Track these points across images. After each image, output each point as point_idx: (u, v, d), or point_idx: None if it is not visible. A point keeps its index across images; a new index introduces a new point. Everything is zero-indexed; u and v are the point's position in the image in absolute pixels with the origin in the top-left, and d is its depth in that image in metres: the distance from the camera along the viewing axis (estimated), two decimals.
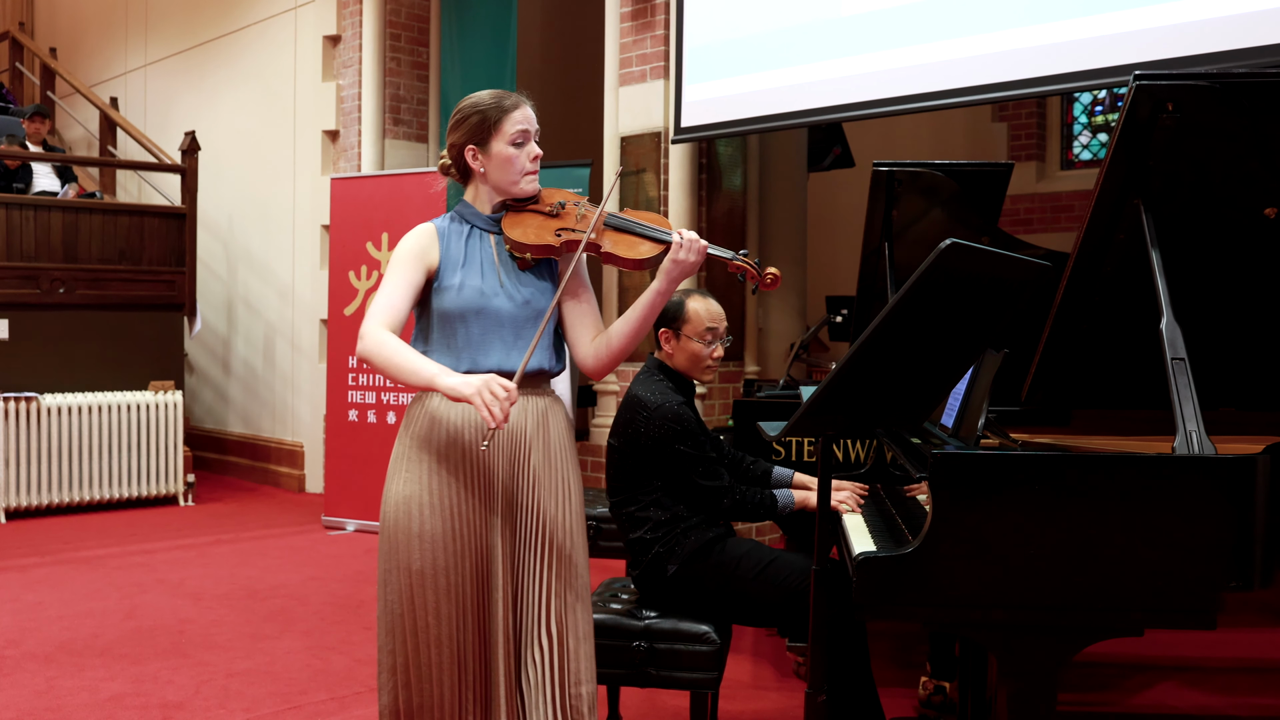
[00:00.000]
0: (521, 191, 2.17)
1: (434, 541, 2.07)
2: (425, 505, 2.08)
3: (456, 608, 2.07)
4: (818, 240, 7.27)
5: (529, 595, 2.12)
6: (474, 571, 2.08)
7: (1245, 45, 3.52)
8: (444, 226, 2.18)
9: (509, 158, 2.14)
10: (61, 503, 6.59)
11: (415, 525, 2.07)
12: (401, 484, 2.10)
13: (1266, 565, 1.85)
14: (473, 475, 2.10)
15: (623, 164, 5.67)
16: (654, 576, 2.74)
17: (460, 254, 2.14)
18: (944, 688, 3.17)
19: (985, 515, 1.87)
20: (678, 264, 2.12)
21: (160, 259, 7.20)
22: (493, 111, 2.14)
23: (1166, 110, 2.05)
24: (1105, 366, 2.50)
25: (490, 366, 2.07)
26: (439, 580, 2.06)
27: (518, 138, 2.14)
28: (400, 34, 7.17)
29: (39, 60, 9.54)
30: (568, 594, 2.13)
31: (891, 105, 4.56)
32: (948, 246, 1.67)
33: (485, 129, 2.14)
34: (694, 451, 2.72)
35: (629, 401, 2.79)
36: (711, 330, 2.82)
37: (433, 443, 2.10)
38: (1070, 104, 8.09)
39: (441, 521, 2.07)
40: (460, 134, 2.17)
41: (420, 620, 2.07)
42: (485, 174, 2.16)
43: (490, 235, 2.18)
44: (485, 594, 2.09)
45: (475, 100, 2.18)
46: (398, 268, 2.11)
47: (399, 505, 2.10)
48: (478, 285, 2.11)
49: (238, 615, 4.37)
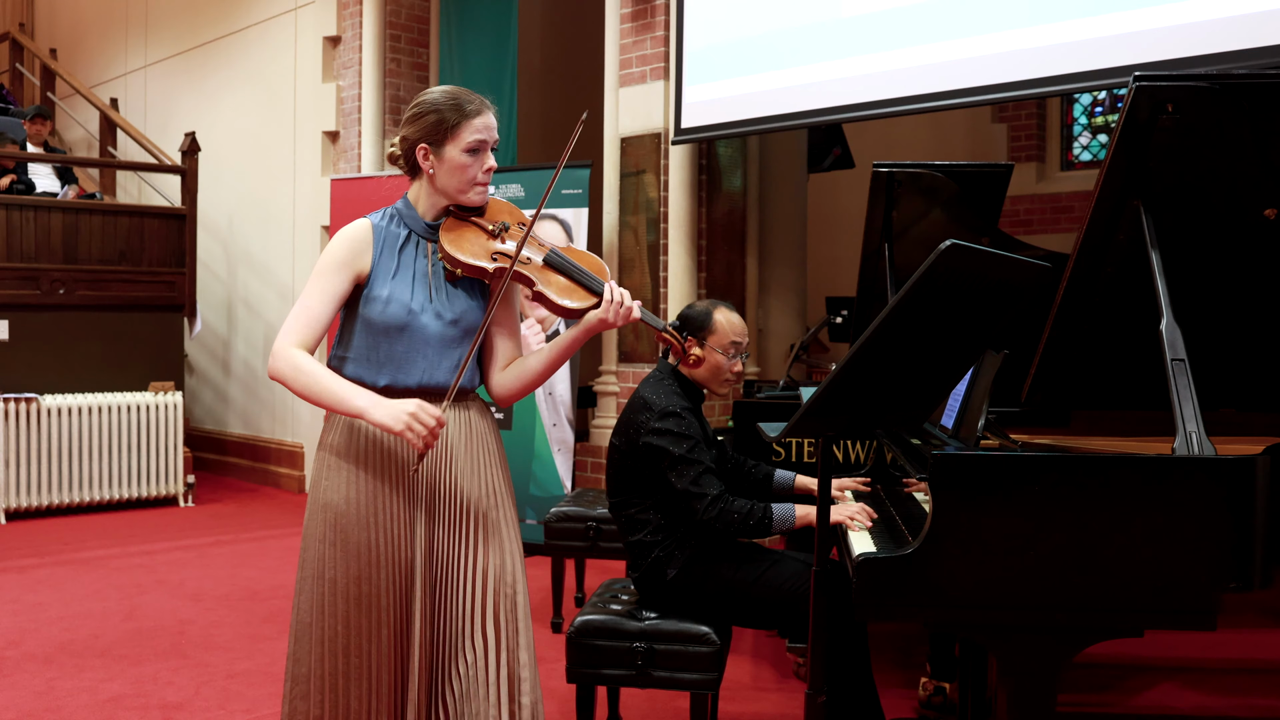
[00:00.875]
0: (468, 201, 2.08)
1: (348, 551, 2.01)
2: (344, 515, 2.02)
3: (368, 618, 2.00)
4: (818, 241, 7.27)
5: (456, 606, 2.05)
6: (390, 583, 2.02)
7: (1245, 46, 3.52)
8: (380, 227, 2.08)
9: (461, 165, 2.04)
10: (61, 503, 6.59)
11: (331, 534, 2.02)
12: (321, 492, 2.05)
13: (1266, 566, 1.86)
14: (394, 485, 2.04)
15: (623, 165, 5.67)
16: (654, 580, 2.74)
17: (393, 263, 2.05)
18: (944, 688, 3.17)
19: (985, 516, 1.87)
20: (602, 322, 2.05)
21: (160, 260, 7.20)
22: (450, 114, 2.04)
23: (1166, 111, 2.05)
24: (1105, 367, 2.50)
25: (411, 383, 2.03)
26: (350, 590, 2.01)
27: (474, 145, 2.04)
28: (400, 35, 7.17)
29: (39, 61, 9.54)
30: (500, 601, 2.06)
31: (891, 106, 4.56)
32: (948, 247, 1.67)
33: (441, 131, 2.04)
34: (674, 450, 2.66)
35: (634, 402, 2.78)
36: (735, 344, 2.80)
37: (352, 451, 2.04)
38: (1070, 105, 8.09)
39: (359, 531, 2.01)
40: (414, 130, 2.07)
41: (329, 629, 2.01)
42: (434, 176, 2.07)
43: (428, 244, 2.10)
44: (403, 606, 2.03)
45: (434, 99, 2.08)
46: (322, 277, 2.03)
47: (315, 514, 2.05)
48: (405, 301, 2.03)
49: (238, 616, 4.37)
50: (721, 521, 2.62)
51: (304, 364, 1.97)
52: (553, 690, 3.42)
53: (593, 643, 2.65)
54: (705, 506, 2.62)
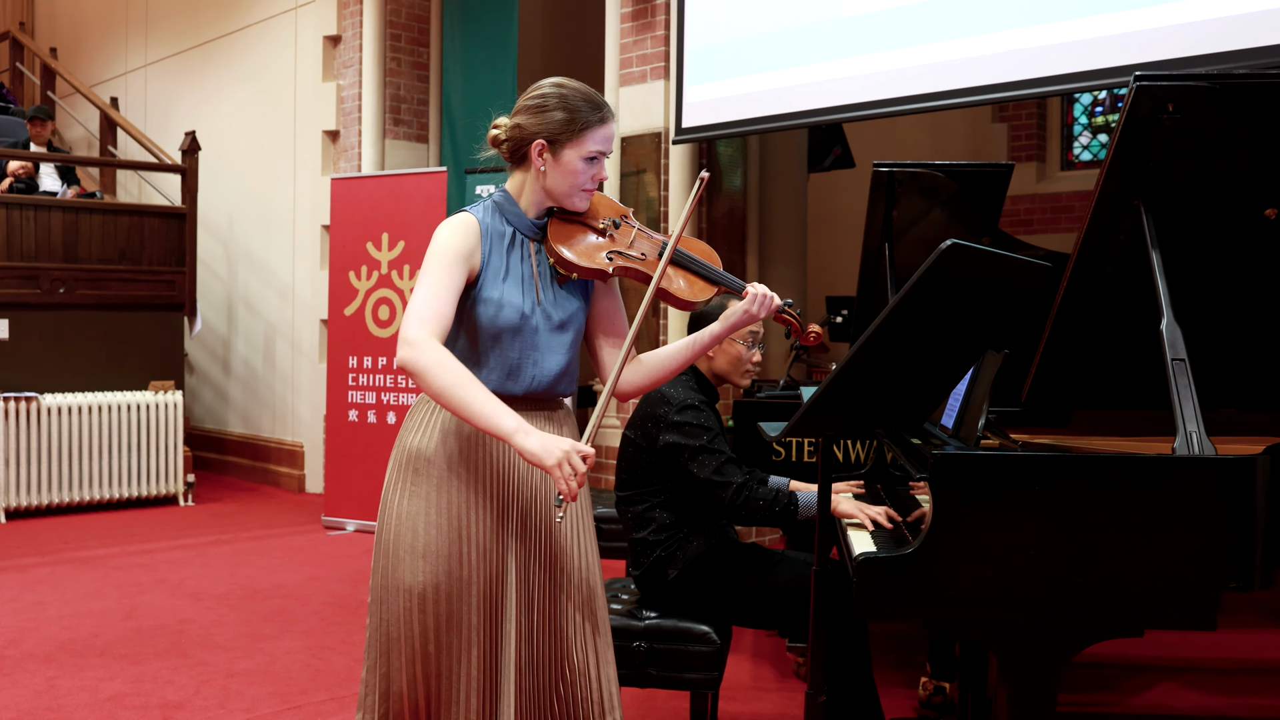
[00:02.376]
0: (573, 206, 2.00)
1: (438, 561, 1.92)
2: (432, 523, 1.92)
3: (460, 635, 1.92)
4: (818, 241, 7.27)
5: (549, 625, 1.99)
6: (482, 597, 1.93)
7: (1246, 46, 3.52)
8: (487, 223, 1.97)
9: (576, 170, 1.95)
10: (61, 503, 6.59)
11: (420, 543, 1.92)
12: (406, 498, 1.95)
13: (1266, 566, 1.85)
14: (486, 493, 1.95)
15: (623, 164, 5.67)
16: (654, 579, 2.74)
17: (502, 264, 1.96)
18: (944, 688, 3.17)
19: (985, 516, 1.87)
20: (748, 315, 2.02)
21: (160, 259, 7.20)
22: (582, 116, 1.94)
23: (1167, 111, 2.05)
24: (1105, 367, 2.50)
25: (519, 390, 1.95)
26: (441, 605, 1.91)
27: (595, 154, 1.96)
28: (400, 34, 7.17)
29: (39, 60, 9.54)
30: (592, 624, 2.02)
31: (892, 106, 4.56)
32: (948, 247, 1.67)
33: (566, 131, 1.94)
34: (694, 442, 2.66)
35: (651, 396, 2.77)
36: (753, 334, 2.82)
37: (444, 454, 1.95)
38: (1070, 105, 8.09)
39: (449, 542, 1.92)
40: (536, 122, 1.95)
41: (420, 646, 1.92)
42: (543, 174, 1.97)
43: (531, 243, 2.01)
44: (495, 623, 1.94)
45: (566, 93, 1.96)
46: (442, 268, 1.89)
47: (401, 520, 1.94)
48: (518, 305, 1.95)
49: (238, 615, 4.37)
50: (748, 509, 2.61)
51: (451, 361, 1.81)
52: None
53: None
54: (731, 495, 2.61)
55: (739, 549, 2.77)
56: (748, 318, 2.02)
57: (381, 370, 6.16)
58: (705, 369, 2.86)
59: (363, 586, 4.85)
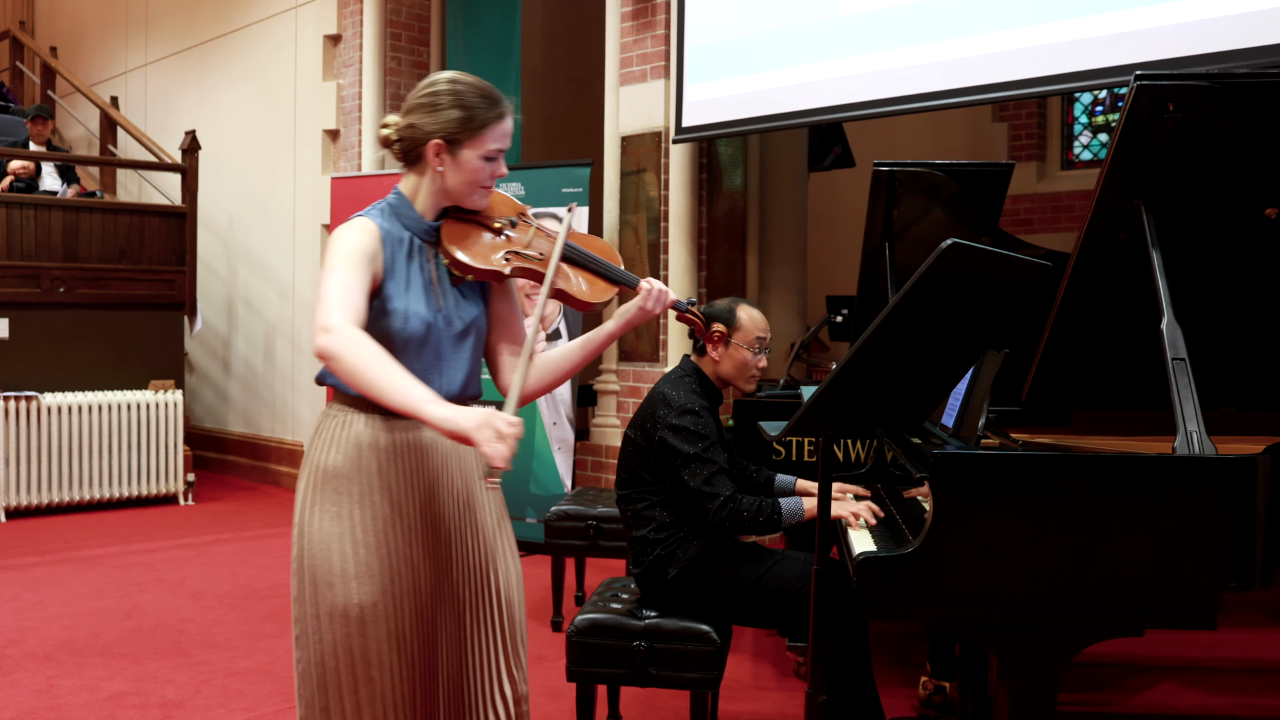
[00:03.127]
0: (473, 205, 1.94)
1: (372, 580, 1.83)
2: (359, 542, 1.83)
3: (400, 655, 1.85)
4: (818, 240, 7.27)
5: (484, 633, 1.93)
6: (415, 612, 1.87)
7: (1246, 45, 3.52)
8: (385, 228, 1.89)
9: (475, 169, 1.89)
10: (61, 502, 6.59)
11: (350, 564, 1.83)
12: (327, 519, 1.84)
13: (1267, 565, 1.85)
14: (408, 506, 1.88)
15: (623, 163, 5.66)
16: (654, 578, 2.75)
17: (404, 274, 1.88)
18: (944, 688, 3.17)
19: (986, 515, 1.87)
20: (642, 311, 1.98)
21: (160, 258, 7.20)
22: (480, 114, 1.87)
23: (1167, 110, 2.05)
24: (1106, 366, 2.50)
25: None
26: (380, 625, 1.83)
27: (494, 153, 1.90)
28: (401, 33, 7.17)
29: (39, 59, 9.54)
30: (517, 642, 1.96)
31: (892, 105, 4.56)
32: (948, 246, 1.67)
33: (463, 130, 1.87)
34: (688, 448, 2.69)
35: (654, 397, 2.80)
36: (760, 340, 2.84)
37: (360, 469, 1.85)
38: (1071, 104, 8.08)
39: (379, 559, 1.84)
40: (431, 121, 1.88)
41: (362, 672, 1.83)
42: (441, 175, 1.90)
43: (429, 247, 1.93)
44: (429, 638, 1.89)
45: (462, 89, 1.89)
46: (350, 264, 1.79)
47: (327, 543, 1.83)
48: (423, 315, 1.87)
49: (238, 615, 4.37)
50: (732, 521, 2.64)
51: (365, 341, 1.70)
52: (553, 689, 3.42)
53: (593, 641, 2.65)
54: (717, 508, 2.64)
55: (739, 548, 2.78)
56: (642, 314, 1.98)
57: None
58: (711, 373, 2.88)
59: None
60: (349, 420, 1.88)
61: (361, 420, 1.87)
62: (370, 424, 1.87)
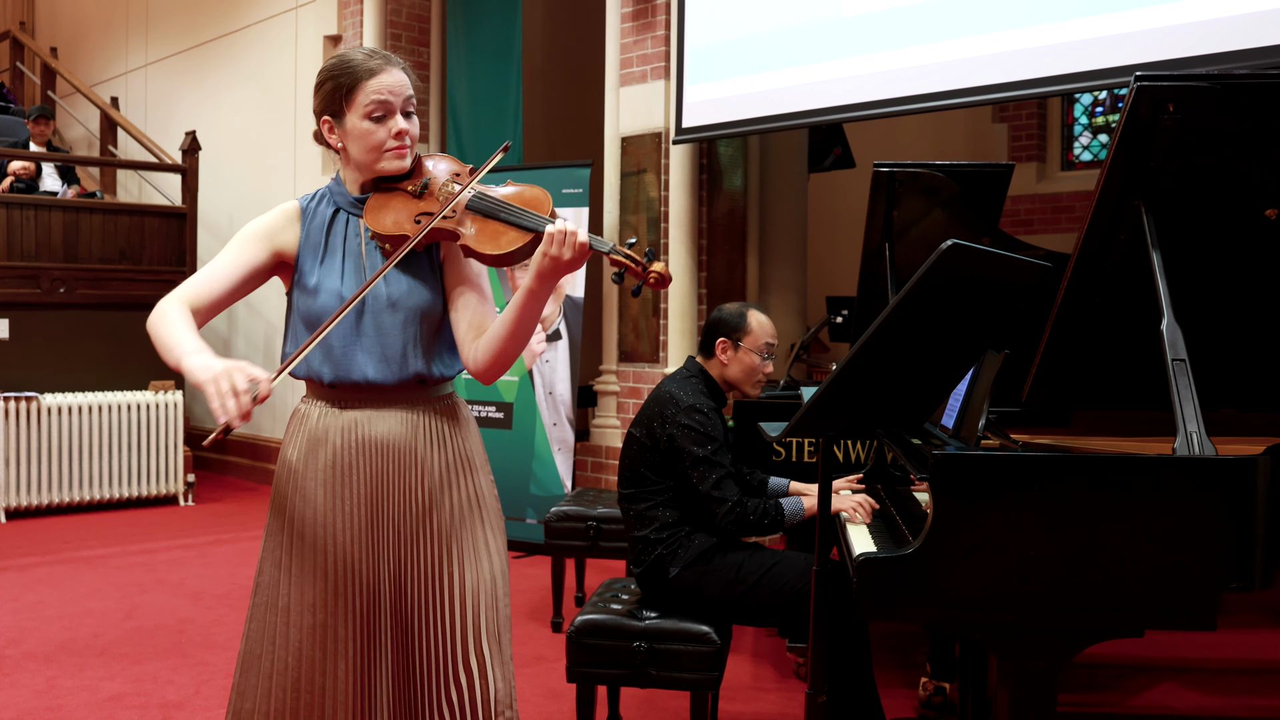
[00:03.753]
0: (386, 170, 1.86)
1: (303, 575, 1.85)
2: (299, 536, 1.86)
3: (323, 649, 1.83)
4: (818, 241, 7.27)
5: (438, 633, 1.87)
6: (350, 611, 1.84)
7: (1246, 46, 3.52)
8: (309, 207, 1.91)
9: (364, 133, 1.83)
10: (61, 503, 6.59)
11: (286, 557, 1.86)
12: (274, 512, 1.92)
13: (1267, 566, 1.85)
14: (356, 504, 1.87)
15: (623, 164, 5.67)
16: (655, 577, 2.75)
17: (320, 245, 1.87)
18: (944, 688, 3.16)
19: (986, 516, 1.87)
20: (552, 260, 1.72)
21: (161, 259, 7.20)
22: (345, 78, 1.83)
23: (1167, 111, 2.05)
24: (1106, 367, 2.50)
25: (357, 378, 1.84)
26: (305, 618, 1.83)
27: (375, 109, 1.82)
28: (401, 34, 7.17)
29: (40, 60, 9.54)
30: (484, 624, 1.89)
31: (892, 106, 4.56)
32: (949, 247, 1.67)
33: (337, 98, 1.84)
34: (698, 450, 2.71)
35: (659, 395, 2.80)
36: (768, 345, 2.89)
37: (311, 465, 1.88)
38: (1071, 105, 8.09)
39: (315, 554, 1.85)
40: (317, 102, 1.88)
41: (279, 661, 1.83)
42: (344, 149, 1.88)
43: (359, 220, 1.90)
44: (365, 636, 1.85)
45: (332, 64, 1.87)
46: (233, 245, 1.86)
47: (270, 534, 1.91)
48: (335, 288, 1.85)
49: (238, 615, 4.37)
50: (739, 524, 2.69)
51: (166, 309, 1.77)
52: (553, 690, 3.42)
53: (593, 642, 2.65)
54: (725, 512, 2.68)
55: (740, 548, 2.78)
56: (553, 264, 1.72)
57: None
58: (717, 376, 2.89)
59: None
60: (305, 414, 1.92)
61: (315, 411, 1.91)
62: (323, 419, 1.89)
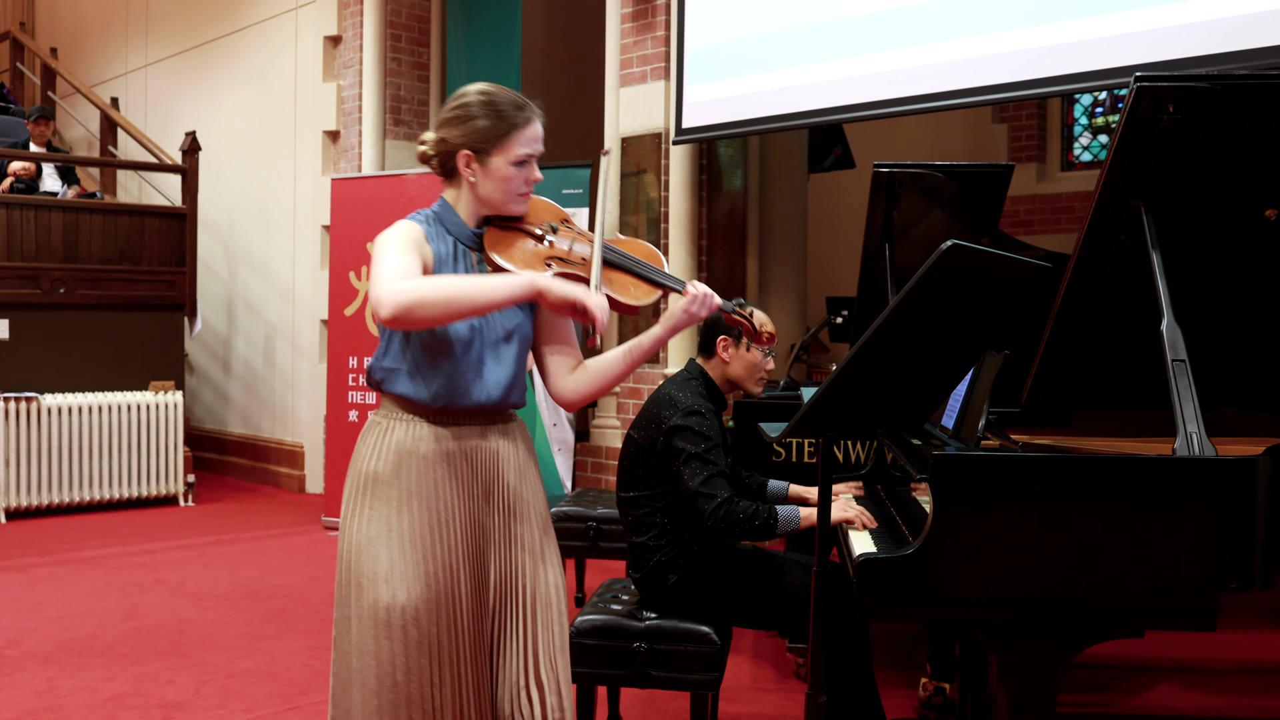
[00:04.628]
0: (510, 212, 1.96)
1: (402, 584, 1.85)
2: (394, 546, 1.86)
3: (431, 659, 1.85)
4: (818, 241, 7.26)
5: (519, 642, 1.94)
6: (451, 619, 1.87)
7: (1247, 47, 3.52)
8: (429, 231, 1.93)
9: (507, 177, 1.92)
10: (61, 503, 6.58)
11: (382, 567, 1.86)
12: (365, 523, 1.89)
13: (1267, 567, 1.85)
14: (448, 513, 1.90)
15: (623, 164, 5.66)
16: (655, 583, 2.74)
17: (449, 273, 1.92)
18: (944, 689, 3.16)
19: (986, 516, 1.87)
20: (689, 315, 1.94)
21: (160, 259, 7.20)
22: (502, 123, 1.90)
23: (1167, 112, 2.05)
24: (1106, 368, 2.50)
25: (469, 402, 1.91)
26: (410, 630, 1.84)
27: (523, 159, 1.92)
28: (401, 34, 7.17)
29: (39, 60, 9.54)
30: (560, 639, 1.97)
31: (892, 106, 4.56)
32: (948, 248, 1.67)
33: (489, 139, 1.91)
34: (691, 448, 2.66)
35: (659, 397, 2.78)
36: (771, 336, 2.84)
37: (401, 475, 1.89)
38: (1071, 105, 8.08)
39: (413, 564, 1.86)
40: (458, 133, 1.92)
41: (388, 674, 1.83)
42: (474, 185, 1.94)
43: (473, 254, 1.96)
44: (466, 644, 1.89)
45: (485, 99, 1.92)
46: (398, 248, 1.83)
47: (361, 546, 1.88)
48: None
49: (238, 615, 4.37)
50: (726, 523, 2.61)
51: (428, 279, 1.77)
52: None
53: (593, 643, 2.65)
54: (712, 509, 2.61)
55: (739, 553, 2.77)
56: (688, 318, 1.94)
57: None
58: (718, 376, 2.87)
59: None
60: (390, 428, 1.92)
61: (402, 428, 1.91)
62: (411, 431, 1.90)
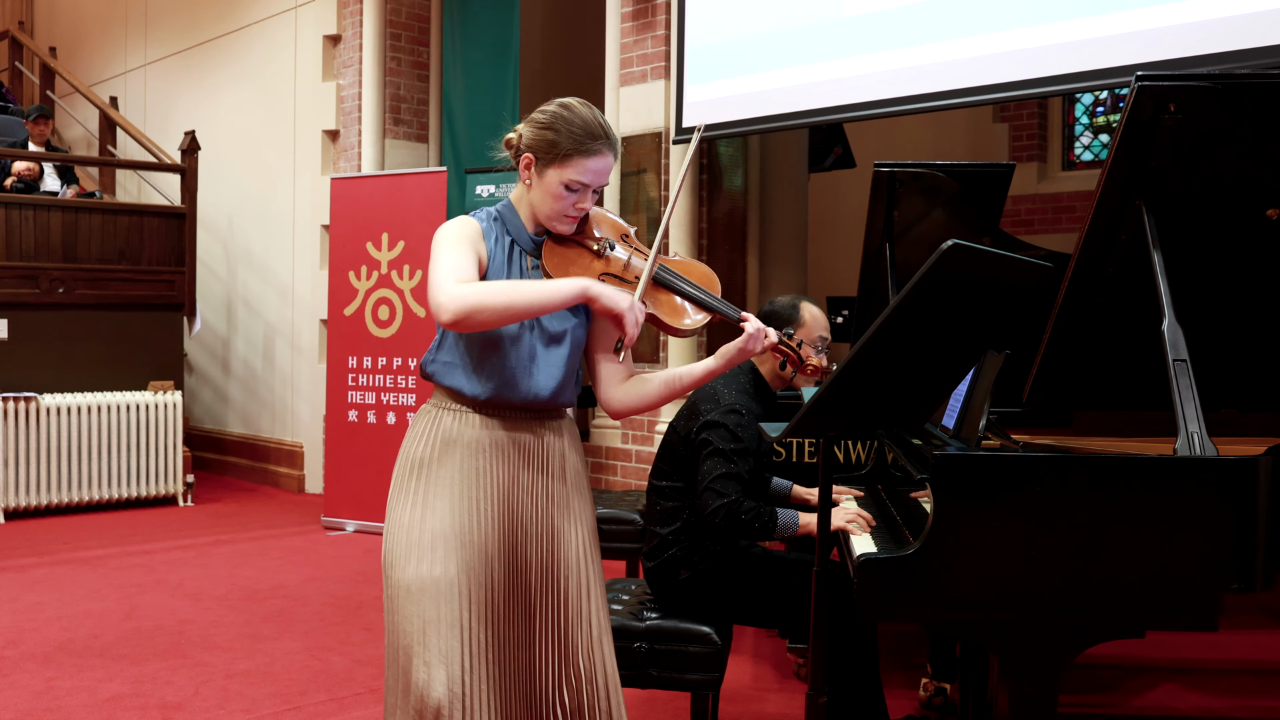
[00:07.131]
0: (553, 229, 2.01)
1: (436, 559, 1.91)
2: (431, 524, 1.93)
3: (473, 616, 1.90)
4: (819, 241, 7.26)
5: (555, 632, 1.99)
6: (483, 604, 1.92)
7: (1248, 46, 3.52)
8: (487, 229, 2.00)
9: (555, 194, 1.97)
10: (61, 503, 6.58)
11: (417, 544, 1.92)
12: (408, 505, 1.96)
13: (1268, 567, 1.85)
14: (487, 500, 1.96)
15: (623, 164, 5.66)
16: (665, 576, 2.74)
17: (504, 272, 1.98)
18: (945, 689, 3.16)
19: (986, 516, 1.87)
20: (744, 351, 2.00)
21: (160, 259, 7.19)
22: (568, 143, 1.95)
23: (1168, 111, 2.05)
24: (1107, 368, 2.50)
25: (516, 399, 1.97)
26: (450, 592, 1.89)
27: (573, 184, 1.96)
28: (400, 34, 7.16)
29: (39, 59, 9.53)
30: (599, 628, 2.02)
31: (893, 106, 4.56)
32: (949, 247, 1.67)
33: (551, 152, 1.96)
34: (720, 445, 2.64)
35: (705, 390, 2.77)
36: (822, 338, 2.83)
37: (445, 461, 1.96)
38: (1072, 105, 8.08)
39: (445, 540, 1.92)
40: (531, 136, 1.99)
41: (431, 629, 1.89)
42: (529, 188, 2.01)
43: (529, 257, 2.02)
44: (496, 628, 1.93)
45: (568, 115, 1.98)
46: (454, 245, 1.92)
47: (402, 526, 1.95)
48: None
49: (237, 616, 4.36)
50: (726, 521, 2.61)
51: (489, 284, 1.86)
52: None
53: None
54: (716, 506, 2.62)
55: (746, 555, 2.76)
56: (743, 354, 2.01)
57: (381, 370, 6.15)
58: (769, 371, 2.84)
59: (362, 587, 4.85)
60: (439, 417, 1.99)
61: (450, 417, 1.98)
62: (458, 420, 1.98)
